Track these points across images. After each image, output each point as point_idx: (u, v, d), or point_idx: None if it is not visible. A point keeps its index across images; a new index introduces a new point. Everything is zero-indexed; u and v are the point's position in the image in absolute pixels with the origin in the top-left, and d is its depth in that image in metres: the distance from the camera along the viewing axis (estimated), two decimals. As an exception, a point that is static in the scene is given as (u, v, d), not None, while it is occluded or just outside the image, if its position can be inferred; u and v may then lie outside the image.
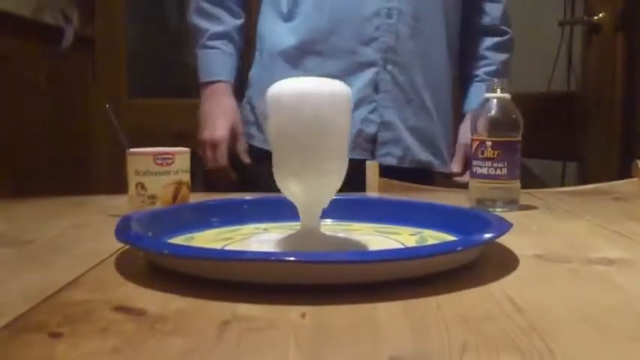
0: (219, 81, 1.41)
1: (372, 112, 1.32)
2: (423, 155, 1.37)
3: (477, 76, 1.47)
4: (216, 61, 1.42)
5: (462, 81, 1.49)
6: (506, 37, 1.48)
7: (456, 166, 1.43)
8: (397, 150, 1.34)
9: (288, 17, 1.35)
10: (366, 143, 1.33)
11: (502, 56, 1.47)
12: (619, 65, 1.94)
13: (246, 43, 1.48)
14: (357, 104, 1.29)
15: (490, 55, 1.47)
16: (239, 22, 1.44)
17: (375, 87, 1.32)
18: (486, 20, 1.47)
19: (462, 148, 1.43)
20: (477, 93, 1.43)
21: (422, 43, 1.34)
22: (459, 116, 1.48)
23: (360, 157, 1.31)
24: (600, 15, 1.94)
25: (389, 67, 1.31)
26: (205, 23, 1.42)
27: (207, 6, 1.42)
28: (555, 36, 2.19)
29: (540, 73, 2.22)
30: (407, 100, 1.34)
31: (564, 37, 2.21)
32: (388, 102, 1.33)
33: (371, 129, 1.33)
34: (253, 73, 1.44)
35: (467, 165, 1.40)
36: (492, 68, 1.46)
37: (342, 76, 1.26)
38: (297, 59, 1.33)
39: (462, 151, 1.43)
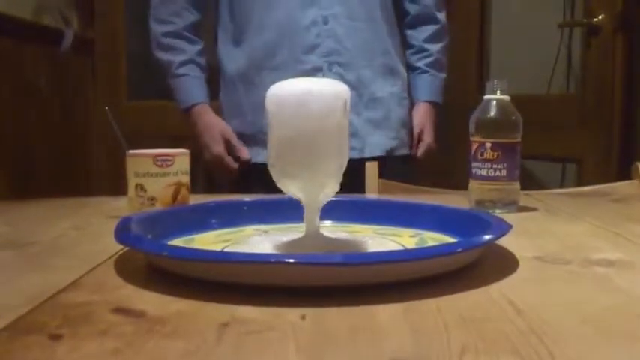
0: (196, 103, 1.48)
1: None
2: (383, 143, 1.45)
3: (418, 68, 1.56)
4: (189, 87, 1.50)
5: (407, 69, 1.56)
6: (439, 26, 1.57)
7: (413, 151, 1.53)
8: (356, 143, 1.40)
9: (238, 41, 1.45)
10: None
11: (438, 46, 1.57)
12: (618, 67, 1.94)
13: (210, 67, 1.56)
14: None
15: (428, 47, 1.56)
16: (198, 47, 1.52)
17: None
18: (418, 8, 1.55)
19: (415, 132, 1.53)
20: (423, 84, 1.55)
21: (363, 40, 1.42)
22: None
23: None
24: (599, 17, 1.94)
25: (335, 68, 1.40)
26: (169, 56, 1.49)
27: (166, 41, 1.50)
28: (555, 38, 2.19)
29: (540, 75, 2.22)
30: (358, 95, 1.41)
31: (563, 39, 2.21)
32: None
33: None
34: (221, 97, 1.51)
35: (418, 144, 1.53)
36: (431, 59, 1.56)
37: None
38: (252, 78, 1.41)
39: (414, 135, 1.53)
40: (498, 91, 0.95)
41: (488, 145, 0.94)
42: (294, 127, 0.60)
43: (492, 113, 0.95)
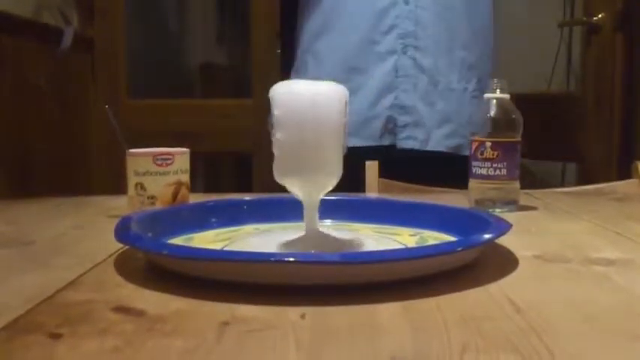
0: None
1: (396, 97, 1.37)
2: (451, 140, 1.38)
3: None
4: None
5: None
6: None
7: None
8: (419, 133, 1.37)
9: (313, 8, 1.41)
10: (392, 128, 1.38)
11: None
12: (618, 65, 1.93)
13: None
14: (383, 91, 1.36)
15: None
16: None
17: (396, 73, 1.36)
18: None
19: None
20: None
21: (445, 27, 1.36)
22: None
23: (387, 142, 1.37)
24: (599, 15, 1.94)
25: (410, 52, 1.35)
26: None
27: None
28: (555, 36, 2.19)
29: (540, 73, 2.22)
30: (433, 84, 1.36)
31: (564, 38, 2.21)
32: (408, 86, 1.36)
33: (394, 114, 1.37)
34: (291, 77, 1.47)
35: None
36: None
37: (366, 66, 1.35)
38: (325, 55, 1.38)
39: None
40: (498, 90, 0.95)
41: (489, 144, 0.94)
42: (298, 128, 0.61)
43: (492, 112, 0.95)
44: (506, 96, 0.96)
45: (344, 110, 0.62)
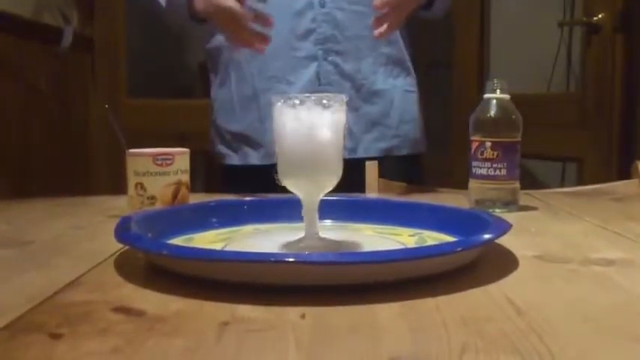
0: None
1: None
2: (381, 143, 1.33)
3: None
4: None
5: None
6: None
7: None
8: (347, 142, 1.30)
9: None
10: None
11: None
12: (618, 66, 1.93)
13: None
14: None
15: None
16: None
17: (319, 80, 1.28)
18: None
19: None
20: None
21: (365, 27, 1.24)
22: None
23: None
24: (599, 16, 1.94)
25: (331, 57, 1.28)
26: None
27: None
28: (554, 37, 2.19)
29: (540, 73, 2.22)
30: (355, 88, 1.29)
31: (563, 38, 2.21)
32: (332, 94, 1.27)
33: None
34: (212, 93, 1.38)
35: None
36: None
37: (286, 74, 1.26)
38: (243, 66, 1.29)
39: None
40: (498, 90, 0.95)
41: (488, 144, 0.94)
42: (298, 129, 0.61)
43: (492, 112, 0.95)
44: (507, 96, 0.96)
45: (343, 111, 0.63)
